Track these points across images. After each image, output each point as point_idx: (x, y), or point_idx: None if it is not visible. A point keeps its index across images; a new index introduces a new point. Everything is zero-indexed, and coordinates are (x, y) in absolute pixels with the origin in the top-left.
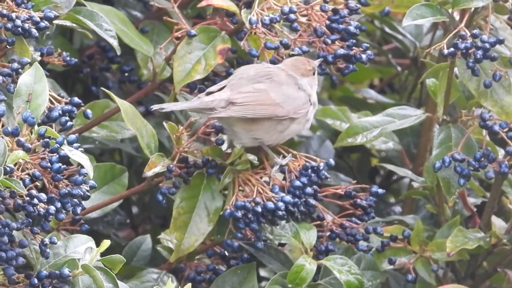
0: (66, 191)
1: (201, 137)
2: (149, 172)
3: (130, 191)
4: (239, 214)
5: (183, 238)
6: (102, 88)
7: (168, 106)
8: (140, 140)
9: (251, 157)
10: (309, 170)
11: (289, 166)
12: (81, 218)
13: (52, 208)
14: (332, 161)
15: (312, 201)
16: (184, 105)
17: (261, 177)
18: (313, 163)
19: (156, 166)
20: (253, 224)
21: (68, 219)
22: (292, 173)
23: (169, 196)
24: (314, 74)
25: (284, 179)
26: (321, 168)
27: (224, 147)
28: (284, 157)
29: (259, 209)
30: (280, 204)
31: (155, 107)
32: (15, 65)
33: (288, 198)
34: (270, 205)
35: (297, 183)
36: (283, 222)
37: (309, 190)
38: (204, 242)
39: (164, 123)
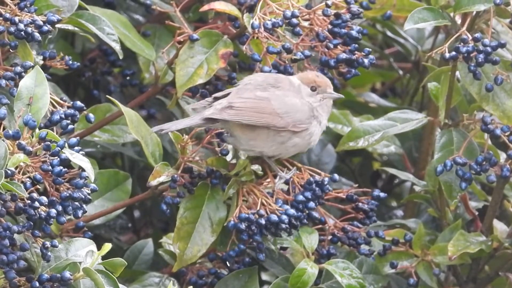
0: (67, 194)
1: (206, 146)
2: (153, 182)
3: (134, 199)
4: (243, 226)
5: (186, 248)
6: (107, 96)
7: (169, 127)
8: (144, 149)
9: (255, 167)
10: (313, 185)
11: (293, 179)
12: (84, 225)
13: (53, 211)
14: (337, 176)
15: (315, 214)
16: (184, 123)
17: (264, 188)
18: (317, 178)
19: (160, 176)
20: (256, 236)
21: (71, 226)
22: (296, 186)
23: (173, 205)
24: (317, 91)
25: (288, 191)
26: (325, 182)
27: (228, 157)
28: (288, 170)
29: (262, 221)
30: (284, 217)
31: (154, 129)
32: (18, 68)
33: (292, 211)
34: (274, 217)
35: (301, 197)
36: (285, 234)
37: (312, 204)
38: None
39: (170, 133)
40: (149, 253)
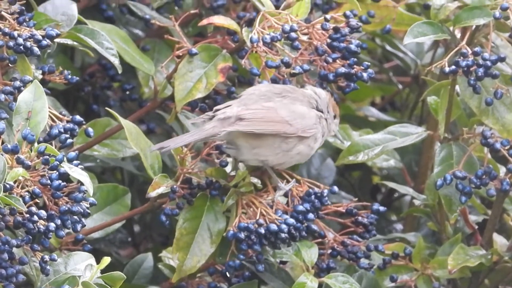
0: (66, 208)
1: (205, 158)
2: (152, 193)
3: (133, 211)
4: (242, 235)
5: (185, 259)
6: (106, 108)
7: (169, 145)
8: (143, 161)
9: (255, 180)
10: (312, 196)
11: (292, 191)
12: (84, 238)
13: (52, 225)
14: (336, 188)
15: (314, 227)
16: (184, 140)
17: (264, 200)
18: (317, 190)
19: (159, 187)
20: (255, 246)
21: (70, 239)
22: (295, 198)
23: (172, 216)
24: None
25: (287, 203)
26: (324, 194)
27: (228, 169)
28: (287, 182)
29: (262, 230)
30: (283, 226)
31: (154, 147)
32: (17, 83)
33: (291, 220)
34: (273, 227)
35: (300, 207)
36: (285, 245)
37: (311, 216)
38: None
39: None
40: (148, 267)
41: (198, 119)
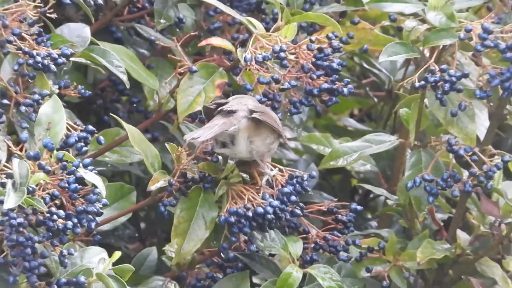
0: (82, 208)
1: (199, 156)
2: (152, 187)
3: (137, 205)
4: (233, 219)
5: (183, 243)
6: (111, 114)
7: (199, 136)
8: (145, 160)
9: (244, 175)
10: (294, 180)
11: (276, 178)
12: (94, 230)
13: (69, 223)
14: (314, 173)
15: (297, 211)
16: (211, 132)
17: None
18: (298, 174)
19: (158, 181)
20: (245, 228)
21: (82, 231)
22: (279, 183)
23: (171, 209)
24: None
25: (272, 188)
26: (304, 178)
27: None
28: (271, 170)
29: (250, 213)
30: (269, 208)
31: (187, 137)
32: (36, 96)
33: (275, 202)
34: (260, 209)
35: (285, 190)
36: (272, 232)
37: (294, 198)
38: (203, 253)
39: (166, 144)
40: (153, 259)
41: (211, 104)
